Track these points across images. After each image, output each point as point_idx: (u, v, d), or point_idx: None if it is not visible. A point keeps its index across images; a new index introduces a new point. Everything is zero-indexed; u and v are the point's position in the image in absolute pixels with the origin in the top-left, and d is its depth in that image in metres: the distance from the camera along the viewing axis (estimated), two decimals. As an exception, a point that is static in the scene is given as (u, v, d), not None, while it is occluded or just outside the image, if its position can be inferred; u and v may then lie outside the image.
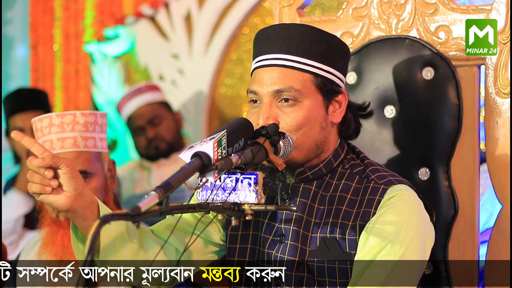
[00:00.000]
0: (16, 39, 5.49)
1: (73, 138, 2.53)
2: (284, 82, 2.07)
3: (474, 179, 2.43)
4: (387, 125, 2.48)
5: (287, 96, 2.08)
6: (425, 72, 2.45)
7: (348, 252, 2.07)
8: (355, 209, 2.10)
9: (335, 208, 2.12)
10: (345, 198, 2.12)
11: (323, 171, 2.15)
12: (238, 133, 1.93)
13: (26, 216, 3.91)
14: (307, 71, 2.09)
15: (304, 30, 2.11)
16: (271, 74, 2.09)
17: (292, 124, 2.07)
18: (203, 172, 1.84)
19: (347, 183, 2.14)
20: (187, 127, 4.85)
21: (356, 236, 2.07)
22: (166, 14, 5.05)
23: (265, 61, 2.10)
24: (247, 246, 2.19)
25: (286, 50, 2.08)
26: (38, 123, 2.57)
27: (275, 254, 2.14)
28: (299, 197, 2.13)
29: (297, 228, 2.12)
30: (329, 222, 2.10)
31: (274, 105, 2.08)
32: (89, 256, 1.58)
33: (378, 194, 2.08)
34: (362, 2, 2.57)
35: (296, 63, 2.08)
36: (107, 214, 1.67)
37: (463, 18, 2.43)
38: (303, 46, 2.09)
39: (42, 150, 1.91)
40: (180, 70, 5.01)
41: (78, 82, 5.30)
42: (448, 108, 2.43)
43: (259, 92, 2.10)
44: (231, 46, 4.94)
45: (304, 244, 2.11)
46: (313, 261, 2.09)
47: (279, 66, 2.08)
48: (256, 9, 4.86)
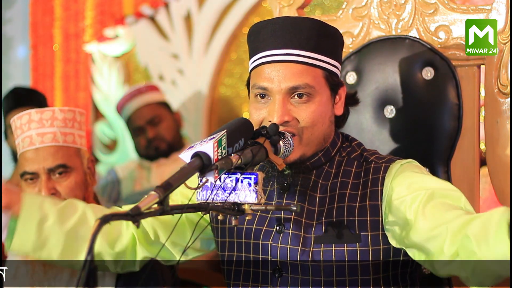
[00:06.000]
0: (16, 39, 5.49)
1: (52, 133, 2.56)
2: (299, 78, 2.06)
3: (474, 179, 2.43)
4: (387, 125, 2.48)
5: (302, 92, 2.06)
6: (425, 72, 2.45)
7: (358, 233, 2.06)
8: (359, 191, 2.09)
9: (339, 193, 2.10)
10: (347, 183, 2.11)
11: (322, 161, 2.14)
12: (238, 133, 1.93)
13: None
14: (318, 67, 2.08)
15: (312, 24, 2.09)
16: (283, 71, 2.07)
17: (308, 121, 2.07)
18: (203, 172, 1.83)
19: (347, 169, 2.14)
20: (187, 127, 4.85)
21: (367, 217, 2.05)
22: (166, 14, 5.05)
23: (274, 57, 2.08)
24: (241, 241, 2.16)
25: (297, 45, 2.06)
26: (18, 120, 2.60)
27: (273, 244, 2.11)
28: (299, 187, 2.12)
29: (299, 218, 2.10)
30: (334, 207, 2.09)
31: (287, 102, 2.07)
32: (89, 256, 1.58)
33: (381, 172, 2.08)
34: (362, 2, 2.57)
35: (309, 58, 2.07)
36: (107, 214, 1.67)
37: (463, 18, 2.43)
38: (313, 41, 2.07)
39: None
40: (180, 70, 5.01)
41: (78, 82, 5.30)
42: (448, 108, 2.43)
43: (270, 89, 2.07)
44: (231, 46, 4.94)
45: (308, 232, 2.09)
46: (320, 247, 2.07)
47: (291, 62, 2.06)
48: (256, 9, 4.87)
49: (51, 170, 2.56)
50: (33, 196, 2.19)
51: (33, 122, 2.57)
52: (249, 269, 2.15)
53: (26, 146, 2.58)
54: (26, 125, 2.58)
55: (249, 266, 2.15)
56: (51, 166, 2.56)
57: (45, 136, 2.56)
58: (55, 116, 2.57)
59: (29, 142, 2.56)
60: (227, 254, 2.19)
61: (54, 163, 2.56)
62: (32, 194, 2.25)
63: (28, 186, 2.58)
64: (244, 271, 2.16)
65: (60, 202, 2.14)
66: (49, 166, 2.56)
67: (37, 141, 2.56)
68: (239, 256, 2.16)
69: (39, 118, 2.57)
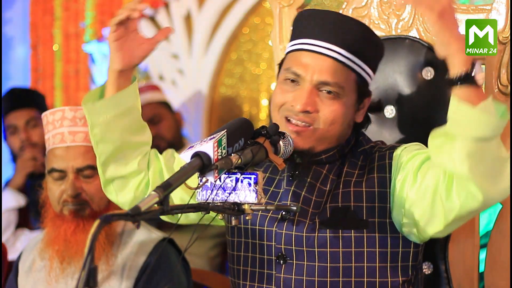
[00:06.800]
0: (16, 39, 5.49)
1: (84, 132, 2.55)
2: (333, 76, 2.08)
3: (474, 179, 2.43)
4: (387, 125, 2.48)
5: (331, 89, 2.08)
6: (425, 72, 2.45)
7: (365, 220, 2.07)
8: (365, 177, 2.11)
9: (344, 179, 2.12)
10: (352, 173, 2.13)
11: (336, 157, 2.16)
12: (238, 133, 1.93)
13: (24, 215, 3.91)
14: (354, 70, 2.10)
15: (361, 29, 2.12)
16: (321, 63, 2.08)
17: (329, 117, 2.09)
18: (203, 172, 1.84)
19: (353, 160, 2.16)
20: (187, 127, 4.85)
21: (375, 203, 2.07)
22: (166, 14, 5.05)
23: (316, 47, 2.09)
24: (247, 227, 2.19)
25: (341, 44, 2.08)
26: (50, 116, 2.59)
27: (277, 231, 2.12)
28: (309, 178, 2.14)
29: (306, 207, 2.12)
30: (339, 192, 2.10)
31: (314, 93, 2.09)
32: (89, 256, 1.58)
33: (387, 158, 2.11)
34: (362, 2, 2.57)
35: (348, 60, 2.09)
36: (107, 214, 1.67)
37: (463, 18, 2.42)
38: (358, 45, 2.09)
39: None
40: (180, 70, 5.01)
41: (78, 82, 5.30)
42: (448, 108, 2.42)
43: (302, 76, 2.09)
44: (231, 46, 4.94)
45: (313, 219, 2.10)
46: (325, 232, 2.08)
47: (331, 57, 2.08)
48: (256, 9, 4.86)
49: (79, 170, 2.56)
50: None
51: (66, 119, 2.56)
52: (255, 255, 2.17)
53: (57, 143, 2.57)
54: (58, 122, 2.57)
55: (255, 252, 2.16)
56: (80, 166, 2.56)
57: (77, 135, 2.56)
58: None
59: (60, 139, 2.56)
60: (236, 240, 2.21)
61: (84, 163, 2.56)
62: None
63: (54, 183, 2.58)
64: (250, 257, 2.18)
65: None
66: (78, 166, 2.56)
67: (69, 139, 2.56)
68: (245, 242, 2.18)
69: (72, 116, 2.56)
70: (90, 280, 1.55)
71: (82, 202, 2.56)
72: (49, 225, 2.62)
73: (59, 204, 2.58)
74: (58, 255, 2.57)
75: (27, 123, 4.08)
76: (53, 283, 2.58)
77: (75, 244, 2.54)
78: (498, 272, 2.38)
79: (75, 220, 2.56)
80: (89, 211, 2.55)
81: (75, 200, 2.55)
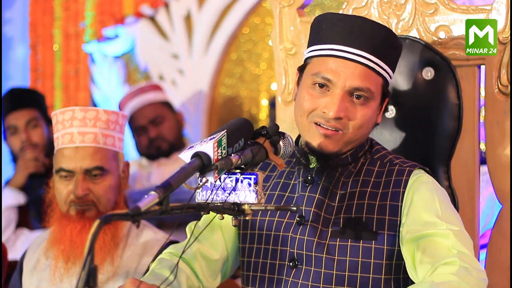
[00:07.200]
0: (15, 39, 5.49)
1: (94, 133, 2.55)
2: (364, 82, 2.08)
3: (474, 179, 2.43)
4: (387, 125, 2.48)
5: (362, 95, 2.09)
6: (425, 72, 2.45)
7: (375, 231, 2.08)
8: (380, 189, 2.12)
9: (359, 190, 2.13)
10: (368, 181, 2.14)
11: (348, 160, 2.17)
12: (238, 133, 1.93)
13: (24, 215, 3.91)
14: (381, 75, 2.11)
15: (386, 34, 2.12)
16: (352, 70, 2.08)
17: (358, 122, 2.10)
18: (203, 172, 1.83)
19: (369, 168, 2.16)
20: (187, 127, 4.85)
21: (386, 216, 2.08)
22: (166, 14, 5.05)
23: (346, 54, 2.09)
24: (262, 232, 2.19)
25: (370, 50, 2.08)
26: (60, 115, 2.59)
27: (292, 235, 2.14)
28: (323, 182, 2.15)
29: (318, 211, 2.13)
30: (354, 204, 2.12)
31: (346, 99, 2.09)
32: (89, 256, 1.58)
33: (405, 175, 2.12)
34: (362, 2, 2.57)
35: (376, 65, 2.10)
36: (107, 213, 1.67)
37: (463, 18, 2.43)
38: (384, 49, 2.11)
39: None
40: (180, 70, 5.01)
41: (78, 82, 5.30)
42: (448, 108, 2.43)
43: (334, 82, 2.09)
44: (231, 46, 4.94)
45: (325, 226, 2.11)
46: (335, 241, 2.09)
47: (361, 64, 2.08)
48: (256, 9, 4.87)
49: (88, 171, 2.56)
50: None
51: (76, 119, 2.56)
52: (266, 260, 2.17)
53: (66, 143, 2.57)
54: (68, 122, 2.57)
55: (267, 258, 2.17)
56: (89, 167, 2.55)
57: (86, 136, 2.56)
58: (98, 117, 2.56)
59: (69, 139, 2.56)
60: (248, 246, 2.21)
61: (92, 164, 2.55)
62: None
63: (62, 182, 2.58)
64: (261, 262, 2.18)
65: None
66: (87, 166, 2.55)
67: (78, 139, 2.55)
68: (258, 248, 2.19)
69: (82, 116, 2.56)
70: (90, 280, 1.55)
71: (89, 203, 2.56)
72: (55, 224, 2.62)
73: (66, 204, 2.58)
74: (63, 254, 2.58)
75: (27, 123, 4.07)
76: (58, 282, 2.58)
77: (81, 244, 2.54)
78: (498, 272, 2.38)
79: (81, 220, 2.56)
80: (95, 212, 2.55)
81: (82, 200, 2.55)
